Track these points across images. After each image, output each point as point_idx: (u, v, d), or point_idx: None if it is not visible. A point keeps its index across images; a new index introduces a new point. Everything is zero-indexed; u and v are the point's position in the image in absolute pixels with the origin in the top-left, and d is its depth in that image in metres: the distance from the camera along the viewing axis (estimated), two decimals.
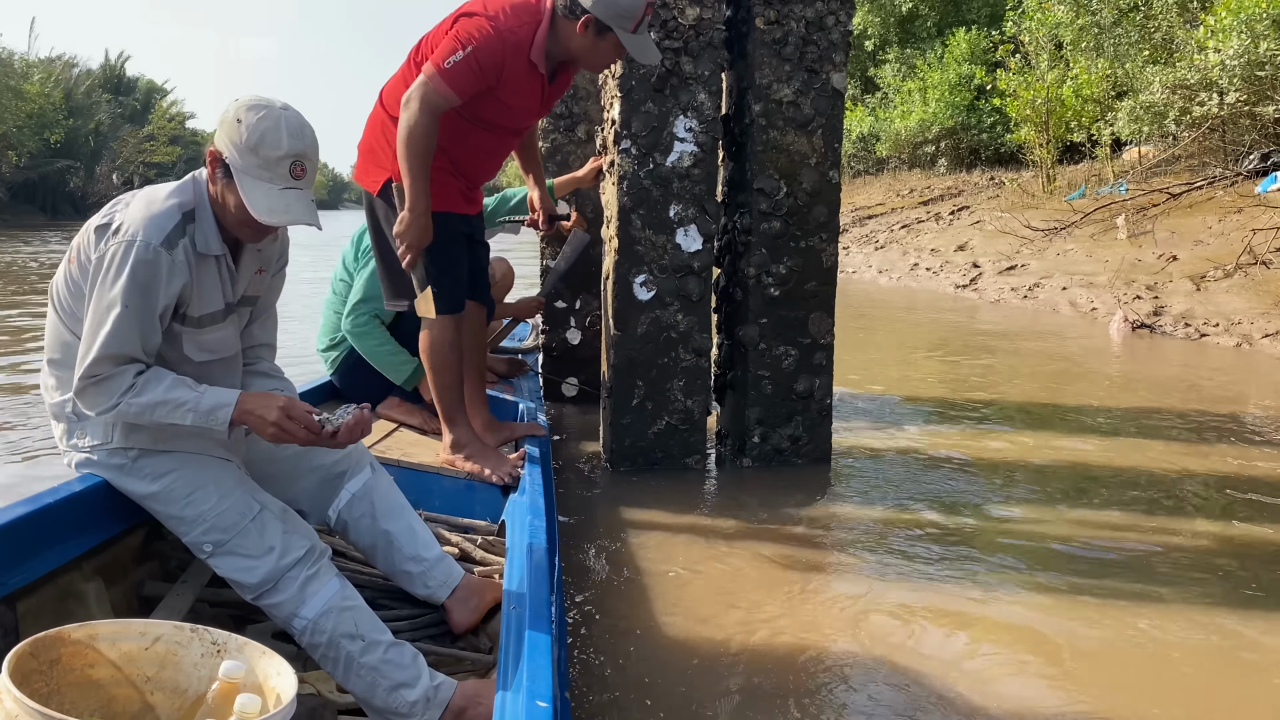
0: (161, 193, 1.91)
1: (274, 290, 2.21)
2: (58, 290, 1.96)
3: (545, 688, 1.47)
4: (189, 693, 1.50)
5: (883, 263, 15.03)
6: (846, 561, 3.04)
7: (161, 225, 1.84)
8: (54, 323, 1.97)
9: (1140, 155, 14.43)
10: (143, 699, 1.49)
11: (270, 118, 1.85)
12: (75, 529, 1.91)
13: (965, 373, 6.53)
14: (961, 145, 20.83)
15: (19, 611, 1.80)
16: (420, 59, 2.96)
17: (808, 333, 4.00)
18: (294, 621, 1.90)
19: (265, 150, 1.83)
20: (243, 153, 1.84)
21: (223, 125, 1.87)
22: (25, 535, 1.80)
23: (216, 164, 1.89)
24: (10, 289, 11.78)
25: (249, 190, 1.84)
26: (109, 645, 1.47)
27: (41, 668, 1.37)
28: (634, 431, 3.90)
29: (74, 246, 1.92)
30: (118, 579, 2.13)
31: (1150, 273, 9.55)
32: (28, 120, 31.95)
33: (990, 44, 19.12)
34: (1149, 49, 13.04)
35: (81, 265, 1.89)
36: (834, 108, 3.94)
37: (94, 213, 2.00)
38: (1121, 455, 4.29)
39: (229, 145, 1.85)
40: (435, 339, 3.04)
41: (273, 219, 1.85)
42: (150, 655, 1.50)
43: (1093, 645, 2.48)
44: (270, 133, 1.83)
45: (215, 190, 1.91)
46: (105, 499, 1.96)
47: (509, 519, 2.64)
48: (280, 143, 1.84)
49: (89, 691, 1.44)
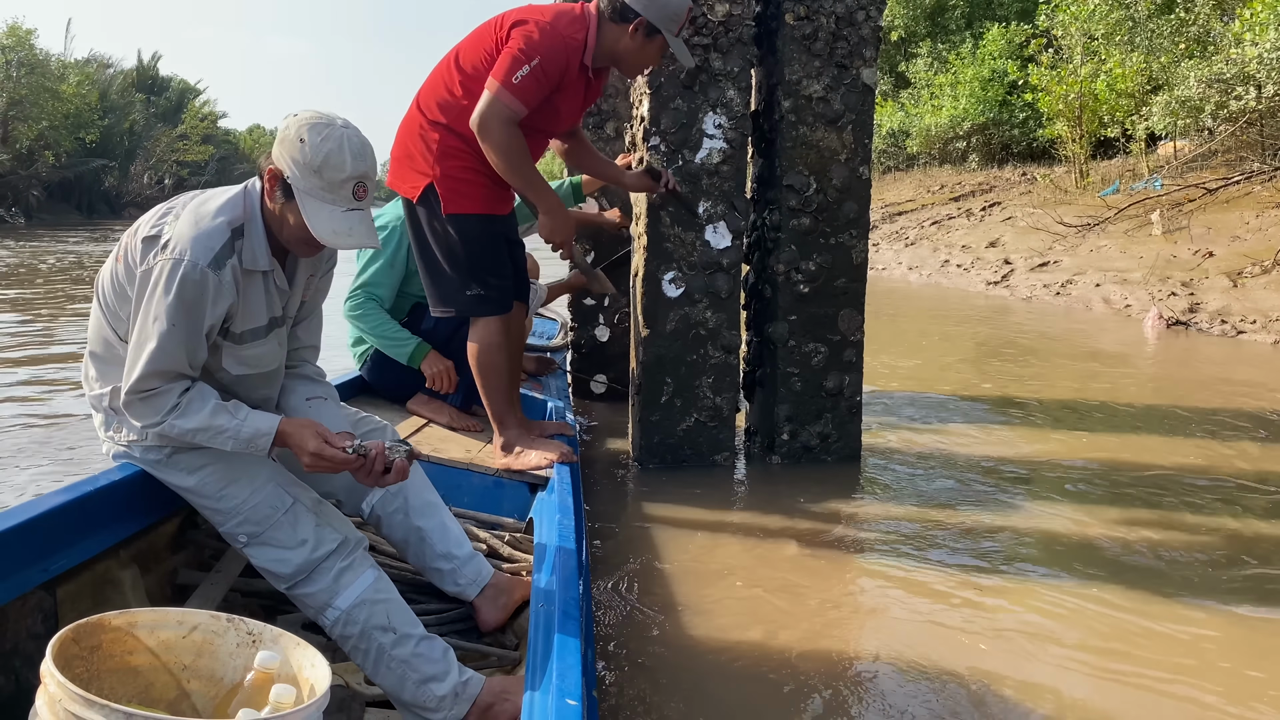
0: (211, 207, 1.89)
1: (321, 291, 2.22)
2: (103, 286, 1.97)
3: (574, 686, 1.47)
4: (224, 681, 1.52)
5: (913, 259, 14.92)
6: (876, 561, 3.02)
7: (210, 245, 1.82)
8: (97, 317, 1.99)
9: (1175, 150, 14.23)
10: (179, 686, 1.51)
11: (333, 138, 1.82)
12: (113, 517, 1.95)
13: (997, 370, 6.48)
14: (993, 141, 20.63)
15: (59, 597, 1.84)
16: (468, 67, 2.95)
17: (837, 329, 3.98)
18: (327, 612, 1.92)
19: (329, 173, 1.82)
20: (305, 174, 1.82)
21: (283, 143, 1.84)
22: (66, 522, 1.83)
23: (276, 182, 1.86)
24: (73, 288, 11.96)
25: (311, 212, 1.83)
26: (148, 633, 1.49)
27: (83, 653, 1.40)
28: (663, 428, 3.90)
29: (122, 245, 1.93)
30: (153, 567, 2.16)
31: (1186, 269, 9.42)
32: (64, 121, 32.39)
33: (1023, 38, 18.93)
34: (1184, 42, 12.85)
35: (128, 268, 1.90)
36: (864, 103, 3.92)
37: (130, 212, 2.02)
38: (1156, 454, 4.24)
39: (291, 165, 1.83)
40: (485, 342, 3.04)
41: (335, 241, 1.84)
42: (187, 644, 1.52)
43: (1125, 646, 2.45)
44: (334, 154, 1.81)
45: (273, 207, 1.90)
46: (142, 488, 1.99)
47: (537, 517, 2.65)
48: (344, 165, 1.82)
49: (127, 678, 1.46)
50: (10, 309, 9.57)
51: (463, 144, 2.93)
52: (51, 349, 7.28)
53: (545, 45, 2.87)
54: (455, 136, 2.93)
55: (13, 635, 1.72)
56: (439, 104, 2.96)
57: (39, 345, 7.42)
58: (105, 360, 1.98)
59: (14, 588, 1.68)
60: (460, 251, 2.97)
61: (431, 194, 2.93)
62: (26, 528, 1.72)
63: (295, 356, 2.20)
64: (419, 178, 2.96)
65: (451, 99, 2.95)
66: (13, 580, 1.68)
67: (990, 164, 20.43)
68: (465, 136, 2.92)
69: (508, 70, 2.83)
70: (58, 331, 8.19)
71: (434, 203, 2.93)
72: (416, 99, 3.06)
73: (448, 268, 2.98)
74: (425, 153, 2.95)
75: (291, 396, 2.16)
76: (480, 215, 2.98)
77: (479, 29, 3.04)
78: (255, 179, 1.96)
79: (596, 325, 5.14)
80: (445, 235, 2.96)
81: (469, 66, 2.97)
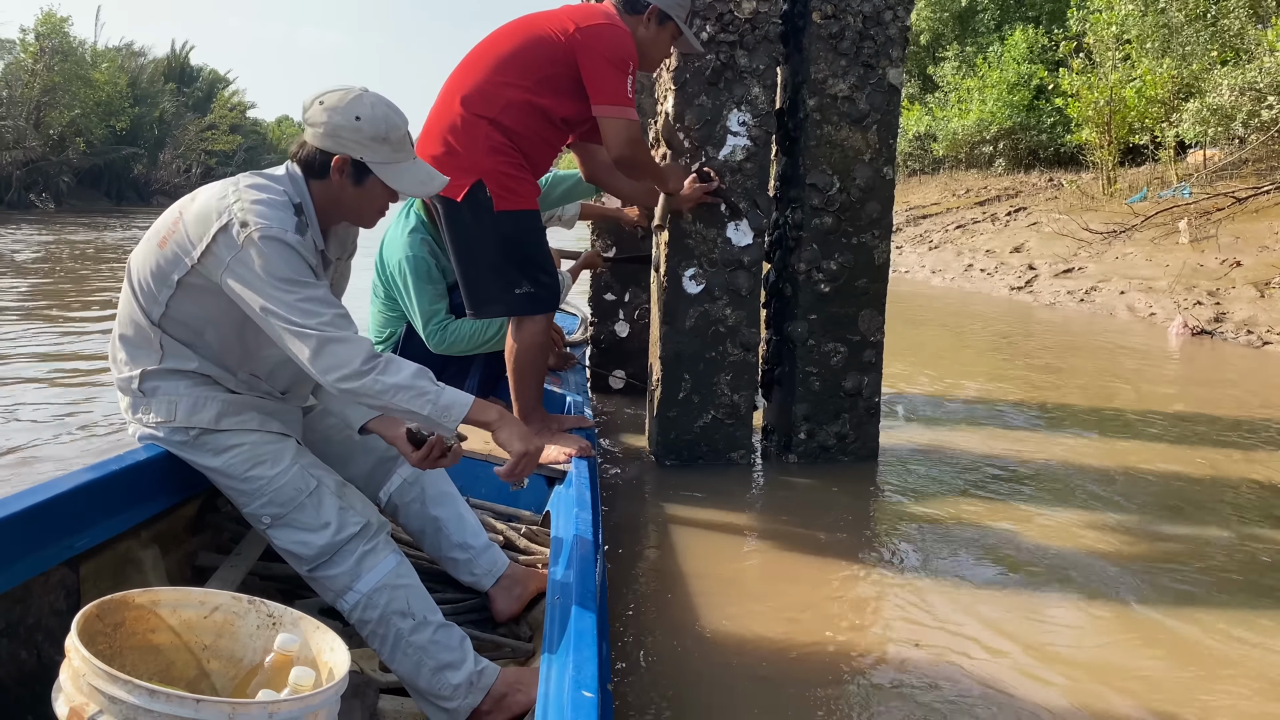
0: (265, 182, 1.92)
1: (344, 277, 2.25)
2: (138, 270, 1.97)
3: (591, 678, 1.47)
4: (243, 662, 1.54)
5: (936, 263, 14.84)
6: (892, 562, 3.01)
7: (286, 217, 1.87)
8: (128, 300, 2.00)
9: (1205, 158, 14.07)
10: (199, 666, 1.53)
11: (376, 105, 1.93)
12: (136, 498, 1.97)
13: (1018, 375, 6.44)
14: (1020, 145, 20.46)
15: (81, 574, 1.86)
16: (525, 64, 2.94)
17: (857, 330, 3.97)
18: (346, 596, 1.93)
19: (392, 135, 1.94)
20: (375, 147, 1.92)
21: (338, 130, 1.90)
22: (91, 501, 1.85)
23: (344, 169, 1.93)
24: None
25: (395, 175, 1.96)
26: (170, 612, 1.51)
27: (106, 629, 1.42)
28: (680, 425, 3.90)
29: (163, 233, 1.93)
30: (172, 548, 2.18)
31: (1212, 278, 9.32)
32: (95, 108, 32.70)
33: (1051, 43, 18.77)
34: (1217, 49, 12.71)
35: (175, 253, 1.90)
36: (890, 103, 3.91)
37: (158, 200, 2.05)
38: (1178, 462, 4.20)
39: (358, 146, 1.91)
40: (530, 341, 3.04)
41: (424, 190, 2.01)
42: (208, 624, 1.54)
43: (1139, 655, 2.44)
44: (387, 118, 1.93)
45: (342, 192, 1.96)
46: (166, 470, 2.01)
47: (554, 510, 2.66)
48: (397, 123, 1.95)
49: (149, 655, 1.48)
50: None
51: (506, 139, 2.92)
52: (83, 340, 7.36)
53: (631, 49, 2.99)
54: (501, 131, 2.91)
55: (36, 611, 1.74)
56: (481, 98, 2.92)
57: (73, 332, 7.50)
58: (134, 343, 1.99)
59: (39, 563, 1.71)
60: (513, 249, 2.95)
61: (480, 191, 2.89)
62: (53, 504, 1.74)
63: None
64: (463, 175, 2.88)
65: (494, 92, 2.93)
66: (38, 556, 1.70)
67: (1017, 169, 20.28)
68: (511, 130, 2.92)
69: (617, 90, 2.95)
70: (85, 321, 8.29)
71: (482, 200, 2.88)
72: (451, 94, 2.98)
73: (497, 267, 2.95)
74: (470, 149, 2.90)
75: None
76: (531, 211, 2.99)
77: (526, 26, 3.02)
78: (289, 164, 1.99)
79: (616, 321, 5.15)
80: (496, 234, 2.92)
81: (526, 64, 2.95)
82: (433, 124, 2.99)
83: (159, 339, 1.96)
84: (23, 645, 1.71)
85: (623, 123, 2.97)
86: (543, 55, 2.95)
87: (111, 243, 17.28)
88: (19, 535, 1.65)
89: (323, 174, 1.94)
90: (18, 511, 1.66)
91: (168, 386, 1.97)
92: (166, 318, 1.94)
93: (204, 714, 1.26)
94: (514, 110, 2.91)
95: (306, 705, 1.34)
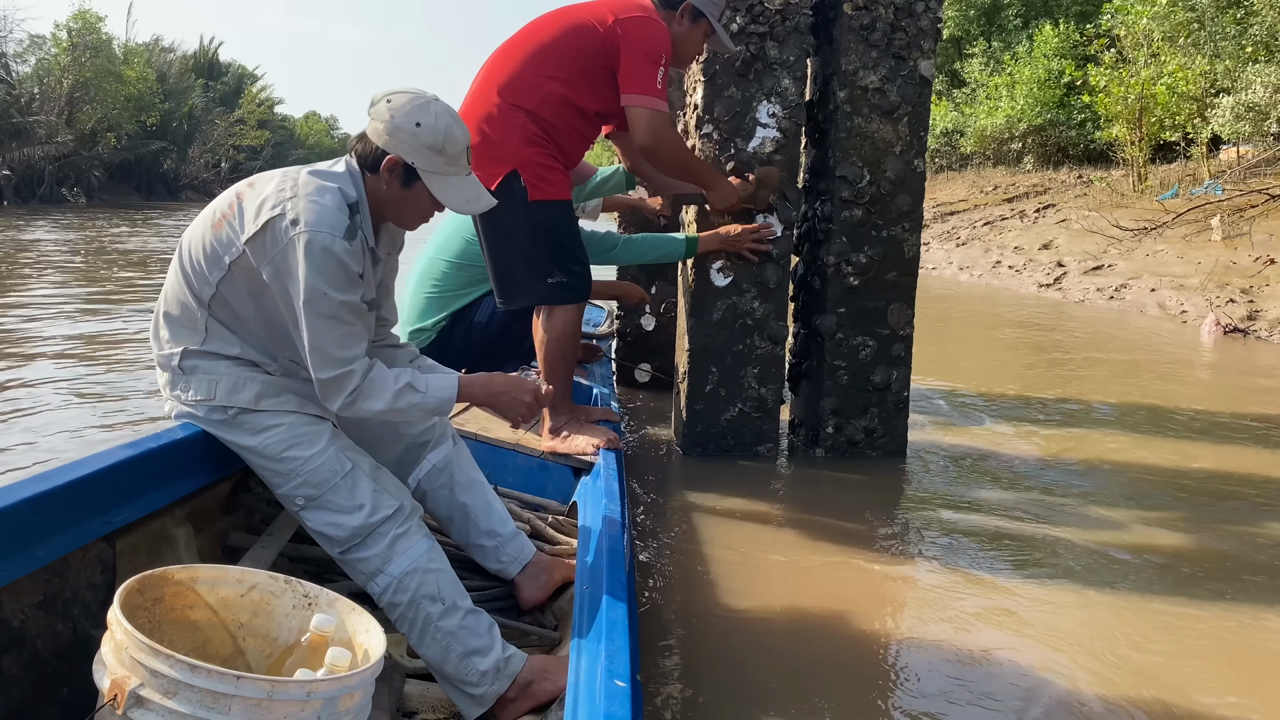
0: (323, 182, 1.91)
1: (393, 271, 2.25)
2: (190, 249, 1.97)
3: (624, 667, 1.46)
4: (279, 641, 1.55)
5: (964, 259, 14.73)
6: (917, 558, 2.99)
7: (340, 219, 1.86)
8: (176, 279, 1.99)
9: (1239, 155, 13.89)
10: (235, 644, 1.54)
11: (441, 115, 1.92)
12: (173, 476, 1.98)
13: (1047, 372, 6.38)
14: (1049, 142, 20.27)
15: (117, 550, 1.88)
16: (564, 55, 2.96)
17: (886, 323, 3.94)
18: (378, 579, 1.93)
19: (449, 148, 1.92)
20: (428, 155, 1.92)
21: (396, 132, 1.90)
22: (130, 478, 1.86)
23: (394, 170, 1.93)
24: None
25: (443, 188, 1.95)
26: (208, 589, 1.52)
27: (146, 604, 1.43)
28: (706, 417, 3.89)
29: (219, 214, 1.94)
30: (205, 527, 2.20)
31: (1245, 276, 9.20)
32: (126, 103, 33.07)
33: (1082, 38, 18.58)
34: (1250, 45, 12.53)
35: (229, 236, 1.90)
36: (921, 95, 3.87)
37: (187, 194, 2.06)
38: (1212, 460, 4.14)
39: (412, 151, 1.91)
40: (561, 330, 3.04)
41: (469, 208, 2.00)
42: (245, 602, 1.55)
43: (1166, 653, 2.41)
44: (448, 130, 1.92)
45: (389, 192, 1.96)
46: (202, 448, 2.03)
47: (581, 500, 2.66)
48: (458, 138, 1.94)
49: (186, 631, 1.49)
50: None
51: (541, 131, 2.94)
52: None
53: (666, 42, 2.99)
54: (536, 122, 2.94)
55: (73, 584, 1.76)
56: (517, 86, 2.94)
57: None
58: (178, 322, 2.00)
59: (78, 537, 1.72)
60: (546, 239, 2.97)
61: (514, 181, 2.90)
62: (93, 480, 1.76)
63: (379, 331, 2.24)
64: (498, 165, 2.91)
65: (532, 80, 2.95)
66: (78, 530, 1.72)
67: (1045, 166, 20.10)
68: (547, 122, 2.94)
69: (651, 78, 2.94)
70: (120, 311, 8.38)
71: (517, 190, 2.89)
72: (488, 81, 3.01)
73: (530, 256, 2.97)
74: (505, 138, 2.92)
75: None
76: (564, 201, 3.00)
77: (565, 16, 3.04)
78: (349, 158, 1.99)
79: (643, 314, 5.14)
80: (530, 223, 2.94)
81: (564, 55, 2.97)
82: (468, 112, 3.01)
83: (205, 321, 1.97)
84: (60, 618, 1.73)
85: (647, 113, 2.97)
86: (581, 46, 2.97)
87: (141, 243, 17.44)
88: (60, 509, 1.67)
89: (375, 169, 1.95)
90: (60, 485, 1.67)
91: (208, 365, 1.99)
92: (216, 299, 1.95)
93: (244, 690, 1.27)
94: (551, 102, 2.93)
95: (344, 686, 1.35)
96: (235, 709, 1.27)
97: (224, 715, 1.27)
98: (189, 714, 1.26)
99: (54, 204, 27.99)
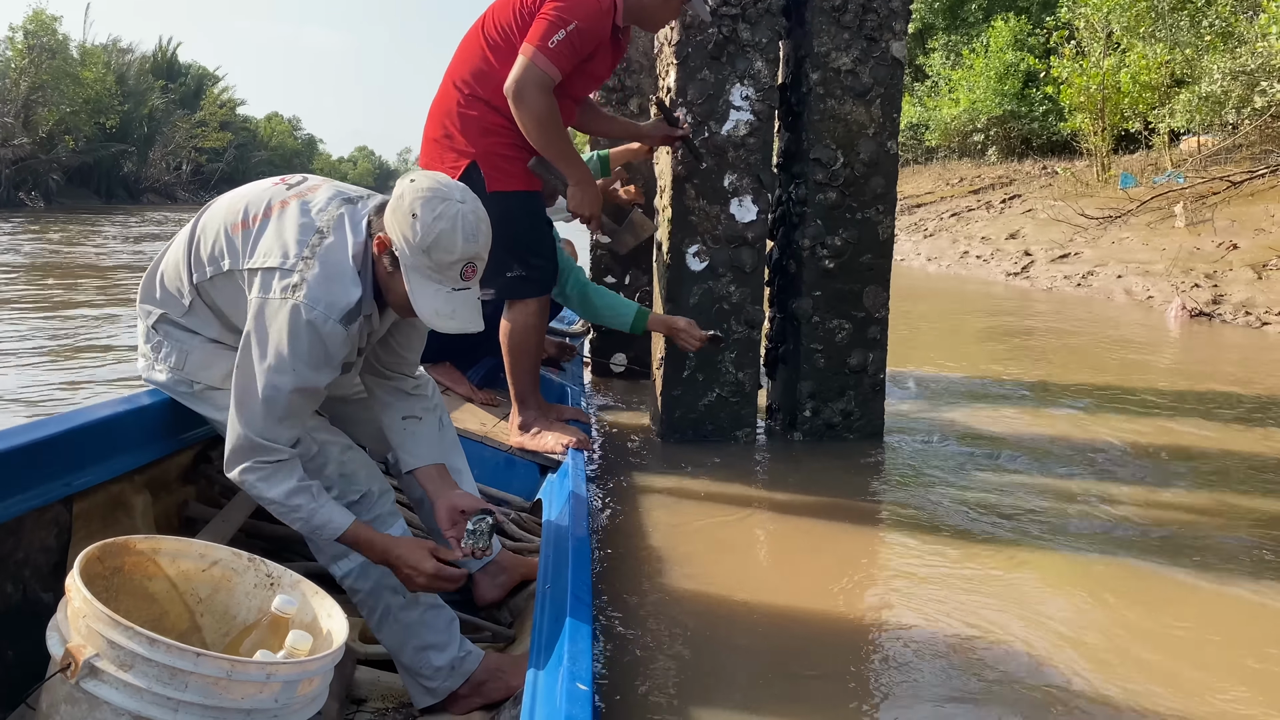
0: (346, 260, 1.78)
1: (420, 334, 2.12)
2: (205, 230, 1.89)
3: (585, 671, 1.44)
4: (237, 620, 1.52)
5: (932, 250, 14.84)
6: (896, 538, 2.98)
7: (346, 300, 1.74)
8: (183, 246, 1.93)
9: (1200, 145, 14.09)
10: (192, 619, 1.50)
11: (446, 217, 1.72)
12: (136, 442, 1.95)
13: (1018, 355, 6.42)
14: (1012, 134, 20.49)
15: (74, 513, 1.84)
16: (496, 35, 2.92)
17: (862, 306, 3.94)
18: (341, 563, 1.89)
19: (438, 254, 1.72)
20: (415, 251, 1.72)
21: (395, 212, 1.75)
22: (93, 441, 1.83)
23: (385, 250, 1.77)
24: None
25: (417, 289, 1.74)
26: (169, 561, 1.48)
27: (105, 572, 1.40)
28: (684, 403, 3.87)
29: (249, 215, 1.85)
30: (163, 496, 2.16)
31: (1209, 261, 9.33)
32: (84, 105, 32.57)
33: (1039, 31, 18.80)
34: (1209, 36, 12.71)
35: (238, 248, 1.82)
36: (893, 77, 3.87)
37: (149, 197, 1.98)
38: (1179, 437, 4.19)
39: (401, 239, 1.73)
40: (522, 323, 3.01)
41: (436, 323, 1.76)
42: (206, 578, 1.52)
43: (1147, 629, 2.41)
44: (446, 235, 1.71)
45: (382, 271, 1.80)
46: (168, 416, 2.00)
47: (546, 498, 2.64)
48: (454, 247, 1.72)
49: (143, 603, 1.45)
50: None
51: (503, 120, 2.89)
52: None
53: (582, 9, 2.82)
54: (495, 112, 2.89)
55: (26, 546, 1.71)
56: (473, 74, 2.91)
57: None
58: (169, 286, 1.95)
59: (36, 498, 1.68)
60: (504, 231, 2.90)
61: (474, 173, 2.87)
62: (56, 441, 1.72)
63: (393, 366, 2.09)
64: (458, 157, 2.89)
65: (486, 68, 2.90)
66: (37, 490, 1.68)
67: (1010, 157, 20.31)
68: (505, 111, 2.87)
69: (543, 34, 2.78)
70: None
71: (476, 182, 2.83)
72: (449, 75, 2.99)
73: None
74: (465, 130, 2.89)
75: (387, 414, 2.08)
76: (524, 193, 2.95)
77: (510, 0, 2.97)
78: (373, 218, 1.85)
79: None
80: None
81: (497, 31, 2.93)
82: (434, 109, 2.99)
83: (191, 298, 1.92)
84: (9, 579, 1.67)
85: (524, 61, 2.80)
86: (510, 18, 2.90)
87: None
88: (21, 469, 1.63)
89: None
90: (21, 444, 1.64)
91: (183, 337, 1.95)
92: (205, 288, 1.90)
93: (202, 668, 1.24)
94: (503, 84, 2.86)
95: (304, 670, 1.32)
96: (192, 686, 1.24)
97: (180, 692, 1.24)
98: (144, 688, 1.23)
99: (12, 208, 27.49)
